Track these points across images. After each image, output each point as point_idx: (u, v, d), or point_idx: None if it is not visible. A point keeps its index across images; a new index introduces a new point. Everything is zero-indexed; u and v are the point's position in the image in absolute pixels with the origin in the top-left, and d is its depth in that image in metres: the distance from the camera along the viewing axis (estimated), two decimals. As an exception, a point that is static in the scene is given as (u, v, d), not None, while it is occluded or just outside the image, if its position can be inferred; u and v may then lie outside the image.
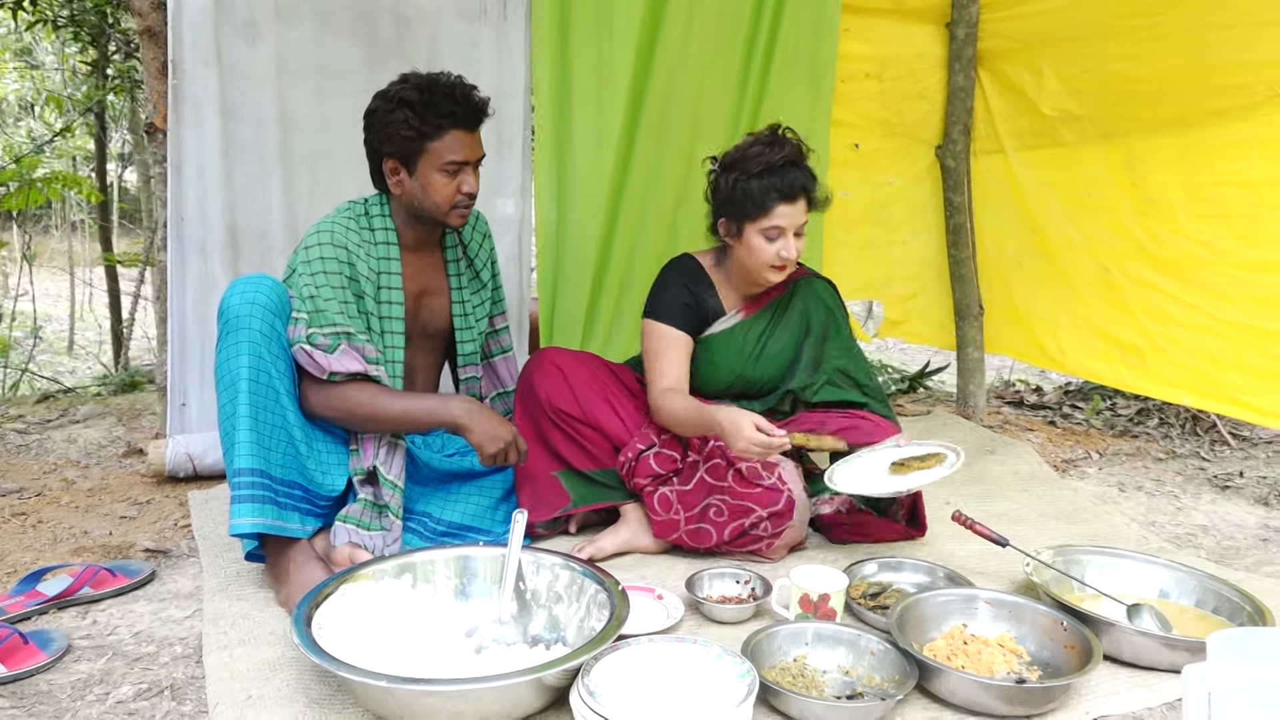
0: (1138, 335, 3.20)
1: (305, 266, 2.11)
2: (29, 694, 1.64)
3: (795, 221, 2.28)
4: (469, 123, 2.15)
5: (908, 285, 4.00)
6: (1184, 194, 3.02)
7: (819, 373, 2.46)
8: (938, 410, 3.94)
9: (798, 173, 2.27)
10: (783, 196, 2.25)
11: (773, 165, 2.26)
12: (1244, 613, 1.93)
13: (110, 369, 5.87)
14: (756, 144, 2.31)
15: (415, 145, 2.13)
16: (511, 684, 1.48)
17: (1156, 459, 3.39)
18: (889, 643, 1.75)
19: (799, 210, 2.28)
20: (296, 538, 2.03)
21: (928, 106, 3.78)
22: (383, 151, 2.18)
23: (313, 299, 2.08)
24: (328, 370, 2.06)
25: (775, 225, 2.27)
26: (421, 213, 2.20)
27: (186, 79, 2.66)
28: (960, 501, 2.75)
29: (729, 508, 2.24)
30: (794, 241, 2.29)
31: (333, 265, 2.11)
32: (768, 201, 2.26)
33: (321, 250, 2.12)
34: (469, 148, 2.16)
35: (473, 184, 2.18)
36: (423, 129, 2.10)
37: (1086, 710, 1.65)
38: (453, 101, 2.12)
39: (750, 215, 2.29)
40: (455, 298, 2.38)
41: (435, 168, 2.13)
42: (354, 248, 2.15)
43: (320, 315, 2.08)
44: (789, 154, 2.27)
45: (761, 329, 2.47)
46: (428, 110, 2.10)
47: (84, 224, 10.07)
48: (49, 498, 2.65)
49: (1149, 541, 2.54)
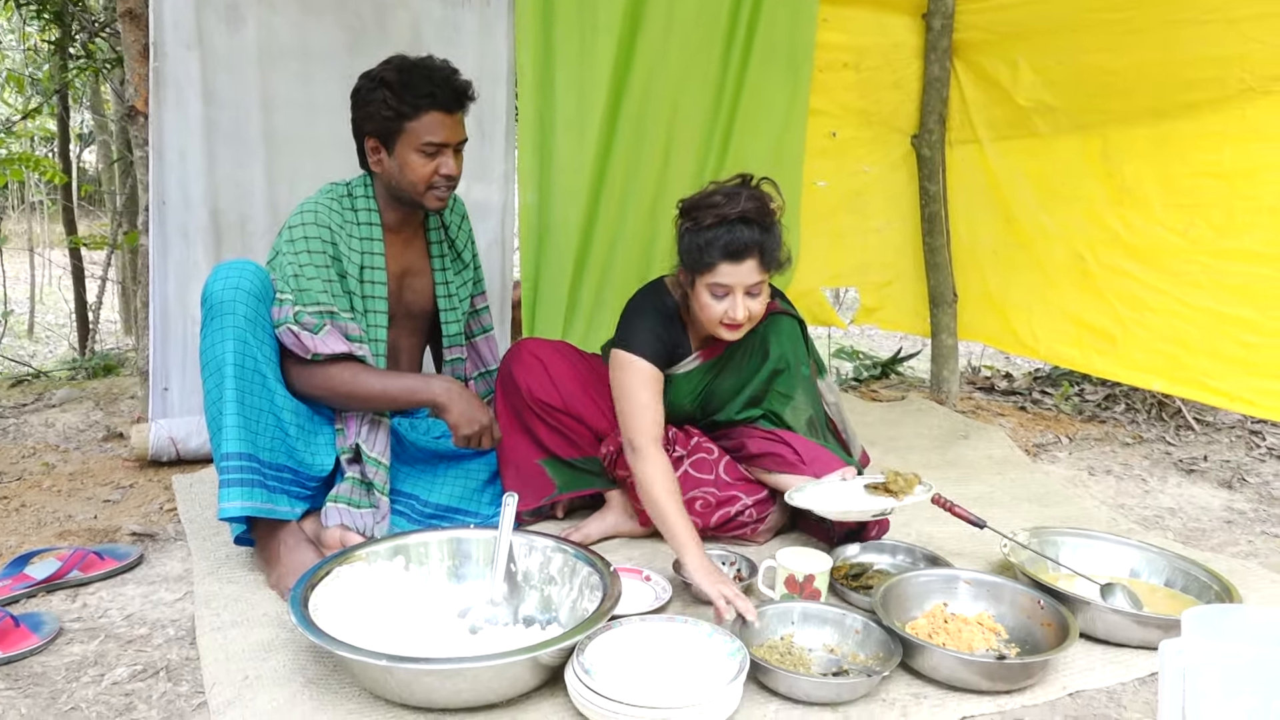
0: (1110, 321, 3.27)
1: (289, 246, 2.12)
2: (23, 676, 1.65)
3: (743, 281, 2.09)
4: (448, 105, 2.15)
5: (883, 273, 4.06)
6: (1159, 184, 3.09)
7: (755, 409, 2.37)
8: (912, 396, 4.00)
9: (749, 231, 2.06)
10: (726, 254, 2.07)
11: (724, 219, 2.07)
12: (1211, 591, 2.00)
13: (77, 353, 5.81)
14: (717, 194, 2.13)
15: (394, 125, 2.14)
16: (509, 663, 1.51)
17: (1124, 443, 3.47)
18: (874, 621, 1.80)
19: (747, 270, 2.08)
20: (286, 520, 2.04)
21: (904, 96, 3.84)
22: (364, 130, 2.19)
23: (296, 278, 2.09)
24: (312, 351, 2.07)
25: (719, 283, 2.09)
26: (400, 193, 2.20)
27: (168, 62, 2.64)
28: (937, 485, 2.77)
29: (715, 499, 2.28)
30: (743, 301, 2.10)
31: (316, 245, 2.12)
32: (710, 258, 2.08)
33: (305, 230, 2.13)
34: (448, 130, 2.16)
35: (451, 166, 2.18)
36: (400, 109, 2.12)
37: (1063, 685, 1.71)
38: (431, 83, 2.12)
39: (697, 269, 2.12)
40: (439, 279, 2.40)
41: (413, 148, 2.14)
42: (337, 228, 2.16)
43: (304, 294, 2.08)
44: (744, 210, 2.07)
45: (711, 373, 2.38)
46: (406, 90, 2.11)
47: (43, 205, 9.92)
48: (30, 482, 2.64)
49: (1118, 523, 2.61)
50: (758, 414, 2.37)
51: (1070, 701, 1.67)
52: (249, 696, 1.58)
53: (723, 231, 2.06)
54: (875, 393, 4.16)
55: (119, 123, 6.05)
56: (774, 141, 3.57)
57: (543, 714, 1.56)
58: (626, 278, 3.32)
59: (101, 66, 5.23)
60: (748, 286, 2.09)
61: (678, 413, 2.41)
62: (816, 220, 3.84)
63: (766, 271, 2.11)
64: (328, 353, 2.08)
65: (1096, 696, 1.69)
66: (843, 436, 2.50)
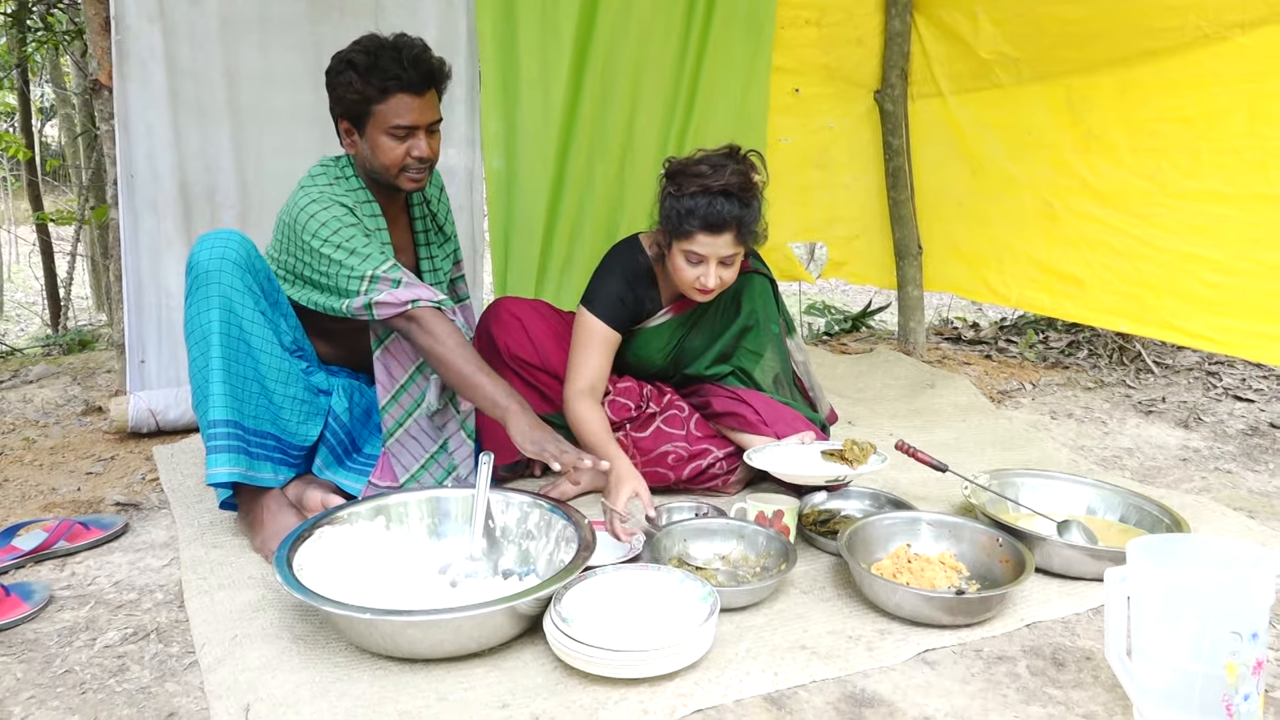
0: (1079, 267, 3.35)
1: (328, 231, 2.08)
2: (16, 643, 1.70)
3: (718, 252, 2.17)
4: (415, 86, 2.10)
5: (849, 227, 4.12)
6: (1124, 130, 3.15)
7: (725, 365, 2.44)
8: (880, 348, 4.08)
9: (729, 205, 2.13)
10: (705, 226, 2.14)
11: (707, 189, 2.14)
12: (1163, 525, 2.09)
13: (50, 329, 5.78)
14: (704, 163, 2.20)
15: (362, 107, 2.11)
16: (488, 612, 1.57)
17: (1086, 388, 3.56)
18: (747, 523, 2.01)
19: (723, 242, 2.16)
20: (269, 487, 2.08)
21: (866, 51, 3.87)
22: (336, 112, 2.18)
23: (353, 254, 2.07)
24: (409, 300, 2.06)
25: (694, 251, 2.17)
26: (374, 175, 2.19)
27: (130, 35, 2.64)
28: (903, 432, 2.89)
29: (687, 453, 2.35)
30: (716, 270, 2.18)
31: (349, 219, 2.12)
32: (688, 226, 2.16)
33: (332, 211, 2.10)
34: (416, 112, 2.11)
35: (423, 148, 2.14)
36: (366, 91, 2.08)
37: (1021, 617, 1.79)
38: (399, 65, 2.08)
39: (675, 235, 2.20)
40: (422, 254, 2.40)
41: (382, 130, 2.11)
42: (350, 205, 2.16)
43: (369, 260, 2.07)
44: (728, 184, 2.14)
45: (683, 328, 2.45)
46: (372, 73, 2.07)
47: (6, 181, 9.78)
48: (11, 457, 2.67)
49: (1078, 464, 2.70)
50: (726, 370, 2.43)
51: (1027, 632, 1.75)
52: (239, 654, 1.63)
53: (704, 202, 2.13)
54: (845, 346, 4.23)
55: (81, 96, 5.98)
56: (738, 99, 3.60)
57: (523, 661, 1.62)
58: (595, 237, 3.36)
59: (61, 39, 5.16)
60: (722, 257, 2.18)
61: (649, 365, 2.47)
62: (783, 176, 3.87)
63: (742, 245, 2.19)
64: (419, 298, 2.07)
65: (1052, 627, 1.77)
66: (809, 394, 2.57)
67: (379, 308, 2.07)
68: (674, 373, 2.51)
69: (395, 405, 2.25)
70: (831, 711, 1.49)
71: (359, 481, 2.23)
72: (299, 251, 2.13)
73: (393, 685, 1.54)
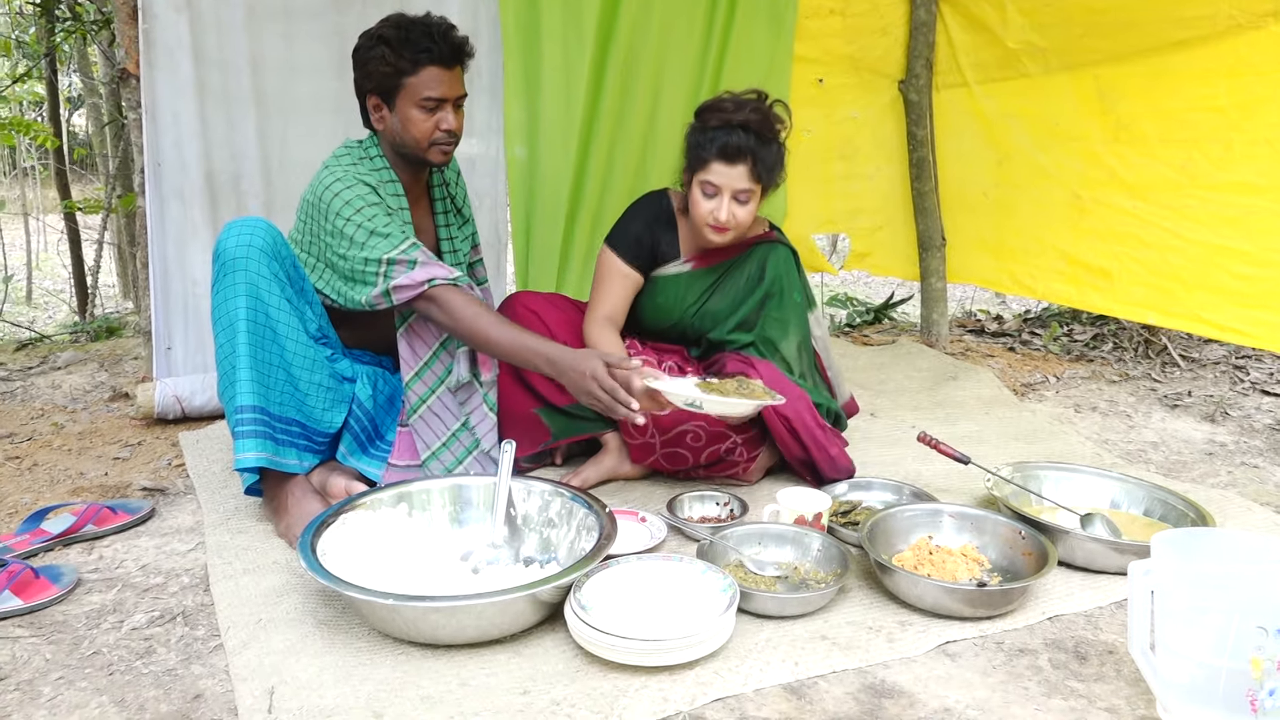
0: (1107, 258, 3.32)
1: (350, 209, 2.11)
2: (46, 624, 1.72)
3: (733, 184, 2.25)
4: (445, 60, 2.17)
5: (873, 218, 4.10)
6: (1155, 120, 3.12)
7: (747, 334, 2.47)
8: (902, 340, 4.06)
9: (746, 137, 2.23)
10: (721, 154, 2.23)
11: (727, 123, 2.24)
12: (1188, 519, 2.07)
13: (77, 316, 5.84)
14: (728, 100, 2.31)
15: (393, 81, 2.16)
16: (510, 599, 1.58)
17: (1110, 381, 3.53)
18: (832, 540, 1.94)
19: (738, 174, 2.24)
20: (293, 473, 2.10)
21: (890, 41, 3.85)
22: (365, 88, 2.22)
23: (373, 234, 2.10)
24: (423, 281, 2.09)
25: (710, 181, 2.26)
26: (404, 149, 2.23)
27: (158, 24, 2.66)
28: (925, 424, 2.88)
29: (705, 434, 2.34)
30: (729, 204, 2.26)
31: (373, 198, 2.15)
32: (706, 154, 2.26)
33: (356, 190, 2.14)
34: (446, 84, 2.18)
35: (452, 121, 2.20)
36: (399, 64, 2.14)
37: (1043, 610, 1.78)
38: (429, 38, 2.15)
39: (693, 165, 2.31)
40: (442, 234, 2.44)
41: (413, 103, 2.17)
42: (374, 184, 2.19)
43: (389, 240, 2.11)
44: (747, 118, 2.24)
45: (707, 285, 2.49)
46: (404, 46, 2.14)
47: (35, 170, 9.88)
48: (40, 442, 2.70)
49: (1102, 458, 2.69)
50: (748, 339, 2.46)
51: (1049, 625, 1.74)
52: (263, 637, 1.65)
53: (722, 133, 2.24)
54: (867, 338, 4.22)
55: (109, 85, 6.03)
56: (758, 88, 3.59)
57: (544, 648, 1.63)
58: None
59: (89, 28, 5.20)
60: (736, 190, 2.26)
61: (669, 319, 2.51)
62: (807, 167, 3.86)
63: (758, 182, 2.28)
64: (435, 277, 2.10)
65: (1074, 620, 1.77)
66: (827, 374, 2.57)
67: (397, 292, 2.11)
68: (696, 337, 2.54)
69: (419, 382, 2.28)
70: (851, 702, 1.49)
71: (382, 468, 2.25)
72: (321, 231, 2.16)
73: (415, 670, 1.55)
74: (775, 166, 2.30)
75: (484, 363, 2.33)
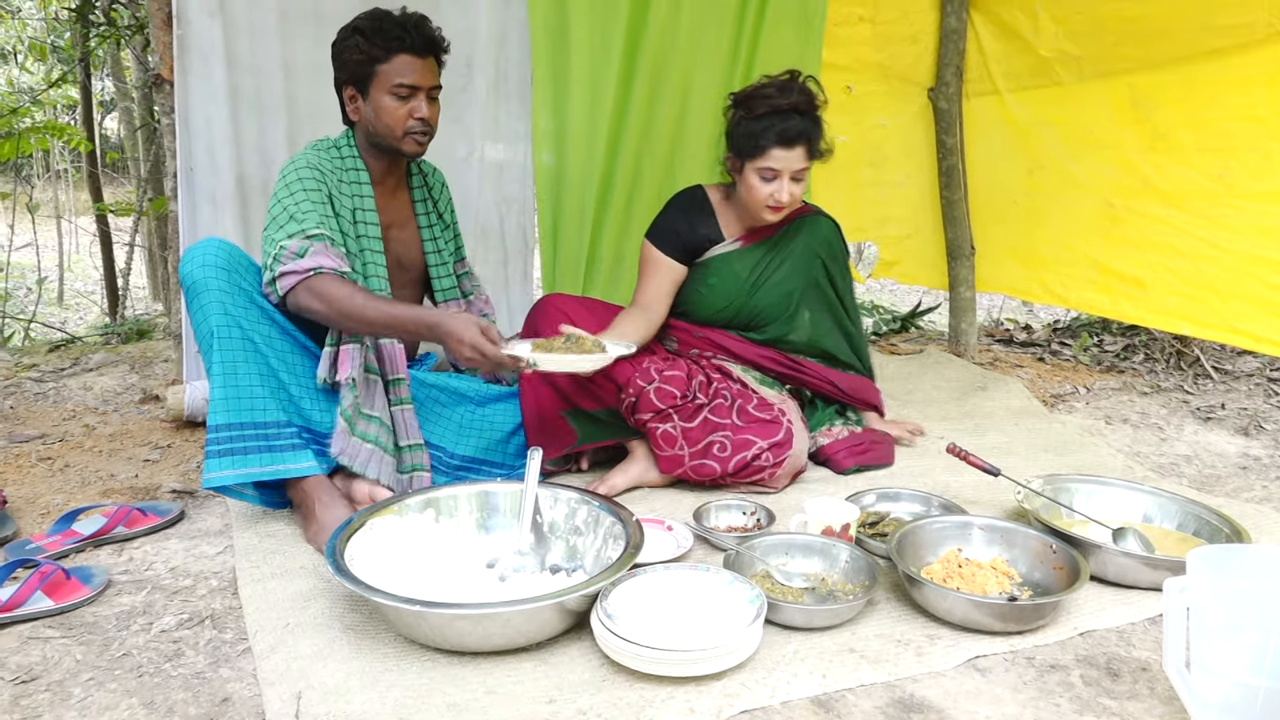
0: (1140, 268, 3.29)
1: (284, 190, 2.16)
2: (76, 625, 1.73)
3: (791, 166, 2.37)
4: (418, 49, 2.20)
5: (901, 227, 4.08)
6: (1191, 128, 3.09)
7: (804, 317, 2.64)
8: (930, 349, 4.03)
9: (799, 120, 2.35)
10: (780, 140, 2.34)
11: (777, 109, 2.35)
12: (1222, 534, 2.04)
13: (108, 318, 5.91)
14: (769, 86, 2.41)
15: (366, 69, 2.20)
16: (537, 607, 1.58)
17: (1142, 393, 3.49)
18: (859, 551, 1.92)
19: (796, 156, 2.36)
20: (305, 476, 2.09)
21: (920, 49, 3.83)
22: (341, 79, 2.26)
23: (292, 219, 2.10)
24: (307, 268, 2.05)
25: (769, 167, 2.36)
26: (377, 139, 2.26)
27: (192, 30, 2.68)
28: (954, 435, 2.85)
29: (732, 443, 2.34)
30: (789, 185, 2.38)
31: (311, 184, 2.18)
32: (764, 143, 2.35)
33: (299, 173, 2.18)
34: (419, 73, 2.21)
35: (425, 111, 2.23)
36: (372, 52, 2.18)
37: (1074, 625, 1.76)
38: (401, 28, 2.19)
39: (748, 154, 2.39)
40: (426, 235, 2.46)
41: (385, 90, 2.20)
42: (328, 171, 2.23)
43: (296, 222, 2.09)
44: (796, 101, 2.36)
45: (758, 258, 2.58)
46: (377, 35, 2.18)
47: (68, 173, 10.00)
48: (72, 443, 2.73)
49: (1134, 471, 2.65)
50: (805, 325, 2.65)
51: (1081, 641, 1.72)
52: (291, 642, 1.66)
53: (777, 120, 2.35)
54: (894, 346, 4.19)
55: (141, 89, 6.10)
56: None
57: (570, 657, 1.62)
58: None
59: (123, 33, 5.26)
60: (794, 171, 2.38)
61: (723, 302, 2.60)
62: (835, 174, 3.82)
63: (811, 159, 2.41)
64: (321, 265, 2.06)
65: (1107, 636, 1.74)
66: None
67: (282, 280, 2.06)
68: (756, 319, 2.62)
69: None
70: (880, 716, 1.48)
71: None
72: None
73: (441, 677, 1.55)
74: (821, 139, 2.42)
75: (342, 361, 2.17)
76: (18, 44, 8.33)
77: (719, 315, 2.62)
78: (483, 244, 3.27)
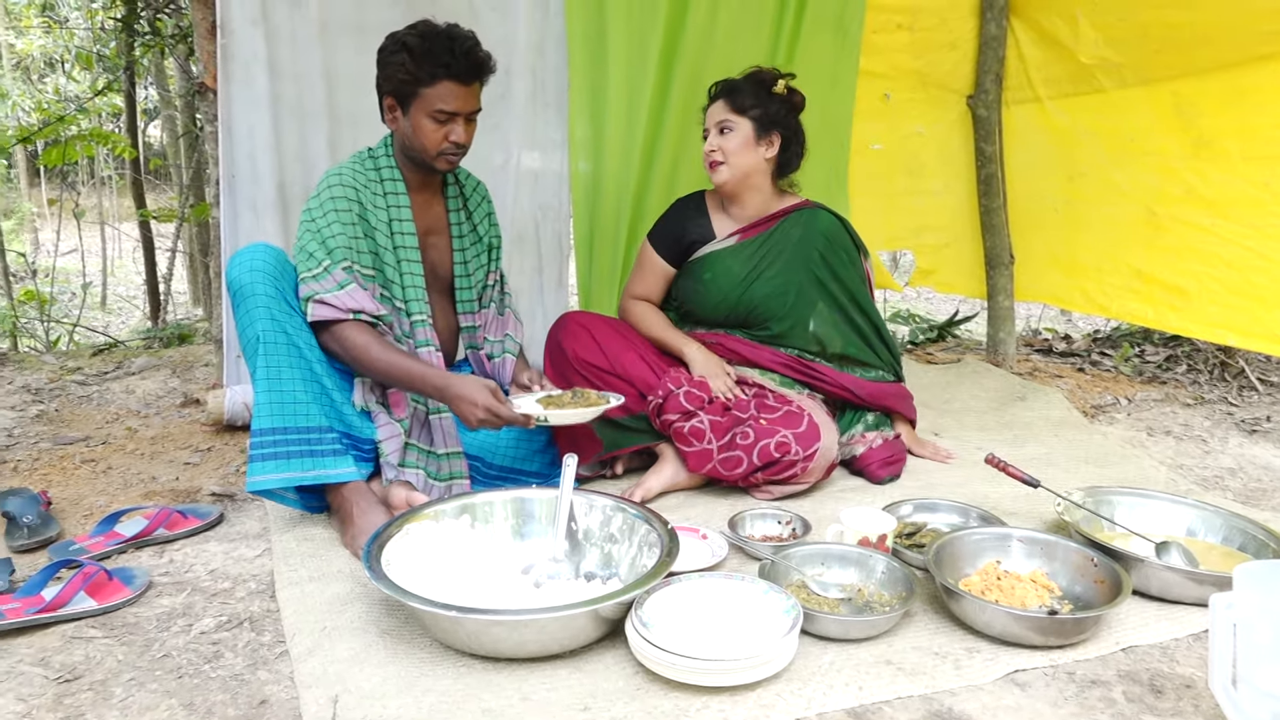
0: (1184, 277, 3.23)
1: (318, 205, 2.19)
2: (118, 625, 1.76)
3: (714, 117, 2.58)
4: (463, 76, 2.19)
5: (939, 235, 4.04)
6: (1238, 136, 3.04)
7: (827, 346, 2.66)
8: (968, 358, 3.99)
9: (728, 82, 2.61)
10: (710, 97, 2.63)
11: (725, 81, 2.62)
12: (1269, 549, 2.00)
13: (150, 322, 6.00)
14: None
15: (409, 89, 2.20)
16: (572, 614, 1.58)
17: (1185, 404, 3.44)
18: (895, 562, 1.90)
19: (718, 108, 2.58)
20: (345, 481, 2.11)
21: (959, 56, 3.80)
22: (383, 89, 2.26)
23: (324, 243, 2.15)
24: (350, 310, 2.12)
25: (704, 127, 2.61)
26: (411, 153, 2.27)
27: (235, 39, 2.72)
28: (992, 446, 2.82)
29: (755, 430, 2.35)
30: (715, 137, 2.55)
31: (342, 204, 2.20)
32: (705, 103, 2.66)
33: (331, 191, 2.21)
34: (460, 99, 2.20)
35: (460, 135, 2.23)
36: (417, 74, 2.17)
37: (1116, 641, 1.73)
38: (450, 53, 2.17)
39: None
40: (456, 245, 2.45)
41: (425, 113, 2.19)
42: (361, 187, 2.24)
43: (329, 251, 2.14)
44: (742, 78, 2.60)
45: (752, 253, 2.61)
46: (425, 57, 2.16)
47: (111, 179, 10.18)
48: (114, 445, 2.77)
49: (1177, 484, 2.61)
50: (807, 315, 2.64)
51: (1123, 656, 1.69)
52: (328, 645, 1.67)
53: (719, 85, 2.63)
54: (931, 355, 4.15)
55: (184, 97, 6.19)
56: (821, 102, 3.55)
57: (604, 665, 1.62)
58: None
59: (167, 43, 5.35)
60: (717, 121, 2.56)
61: (719, 297, 2.64)
62: (871, 182, 3.83)
63: (734, 111, 2.54)
64: (357, 309, 2.13)
65: (1149, 651, 1.71)
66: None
67: (316, 307, 2.11)
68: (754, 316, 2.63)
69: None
70: (918, 729, 1.46)
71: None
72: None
73: (476, 683, 1.55)
74: (756, 105, 2.54)
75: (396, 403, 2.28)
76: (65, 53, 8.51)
77: (719, 311, 2.64)
78: (518, 250, 3.29)
